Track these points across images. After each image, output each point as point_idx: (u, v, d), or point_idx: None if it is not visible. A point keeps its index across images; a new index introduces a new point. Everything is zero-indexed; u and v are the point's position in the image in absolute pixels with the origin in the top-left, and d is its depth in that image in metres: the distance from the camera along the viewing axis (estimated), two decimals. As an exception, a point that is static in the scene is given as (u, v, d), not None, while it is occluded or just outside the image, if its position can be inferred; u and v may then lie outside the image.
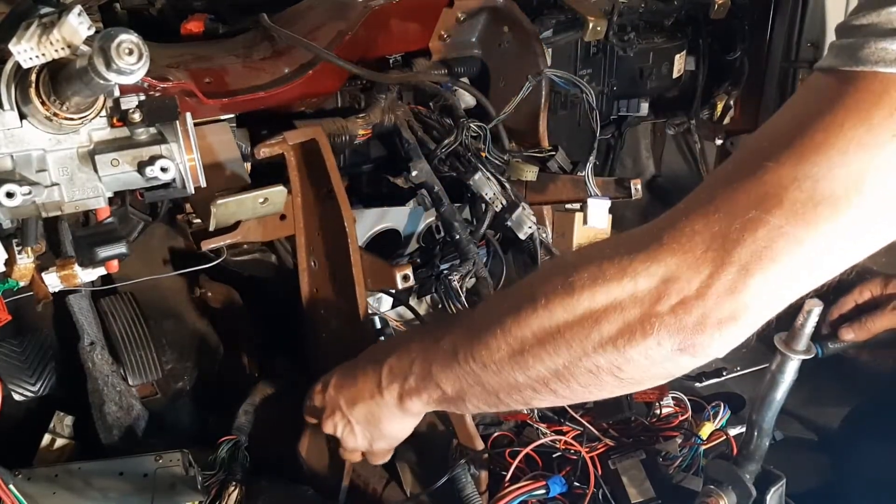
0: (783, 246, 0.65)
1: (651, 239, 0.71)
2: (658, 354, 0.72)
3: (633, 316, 0.71)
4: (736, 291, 0.67)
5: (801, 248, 0.65)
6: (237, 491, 1.13)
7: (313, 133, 1.22)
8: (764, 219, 0.65)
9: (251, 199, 1.16)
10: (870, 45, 0.62)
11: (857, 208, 0.63)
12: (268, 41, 1.33)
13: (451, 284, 1.32)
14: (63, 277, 1.05)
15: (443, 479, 1.16)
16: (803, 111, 0.67)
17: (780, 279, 0.67)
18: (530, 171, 1.40)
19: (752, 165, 0.67)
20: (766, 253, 0.65)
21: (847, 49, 0.65)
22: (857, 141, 0.62)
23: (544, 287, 0.77)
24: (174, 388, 1.36)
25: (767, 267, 0.66)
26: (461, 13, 1.47)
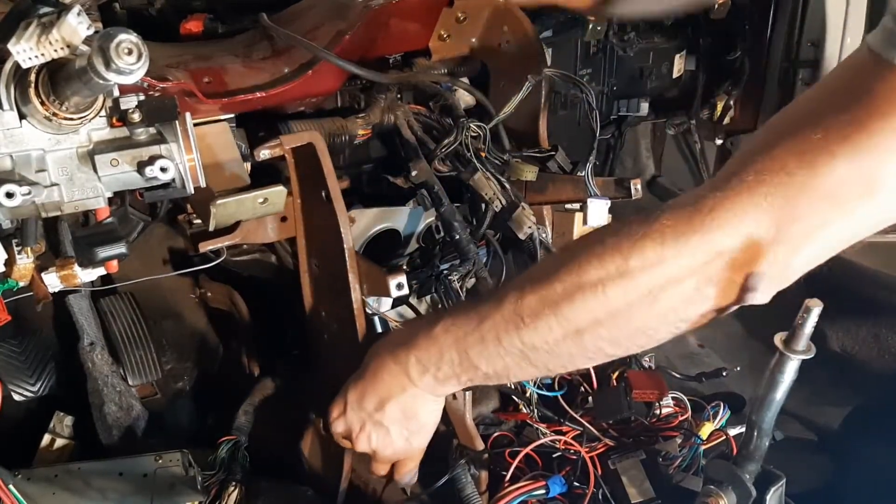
0: (841, 215, 0.71)
1: (720, 188, 0.74)
2: (727, 300, 0.78)
3: (719, 267, 0.74)
4: (791, 260, 0.73)
5: (856, 217, 0.71)
6: (237, 491, 1.13)
7: (310, 137, 1.21)
8: (820, 216, 0.71)
9: (251, 199, 1.16)
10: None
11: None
12: (267, 41, 1.33)
13: (451, 284, 1.32)
14: (63, 277, 1.05)
15: (443, 479, 1.16)
16: (854, 91, 0.69)
17: (830, 241, 0.74)
18: (530, 171, 1.40)
19: (808, 156, 0.70)
20: (831, 214, 0.70)
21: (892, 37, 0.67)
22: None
23: (598, 271, 0.78)
24: (174, 388, 1.36)
25: (814, 236, 0.72)
26: (461, 13, 1.47)
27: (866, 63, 0.70)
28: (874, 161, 0.67)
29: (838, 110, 0.69)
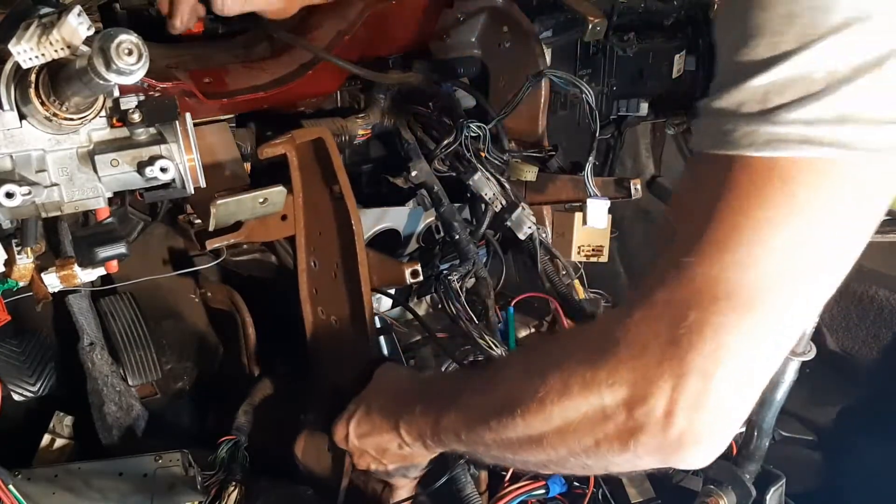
0: (734, 339, 0.62)
1: (607, 347, 0.68)
2: (645, 463, 0.71)
3: (608, 431, 0.69)
4: (704, 402, 0.64)
5: (753, 334, 0.62)
6: (237, 491, 1.13)
7: (320, 132, 1.22)
8: (705, 318, 0.62)
9: (251, 199, 1.16)
10: (740, 129, 0.60)
11: (793, 277, 0.61)
12: (267, 41, 1.33)
13: (450, 284, 1.32)
14: (62, 278, 1.05)
15: (443, 479, 1.16)
16: (702, 197, 0.64)
17: (743, 371, 0.64)
18: (530, 172, 1.40)
19: (675, 261, 0.64)
20: (720, 352, 0.62)
21: (719, 134, 0.62)
22: (766, 221, 0.59)
23: (519, 396, 0.76)
24: (174, 388, 1.36)
25: (727, 364, 0.63)
26: (461, 13, 1.47)
27: (710, 172, 0.65)
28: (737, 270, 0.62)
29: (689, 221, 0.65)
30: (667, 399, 0.64)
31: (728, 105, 0.62)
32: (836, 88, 0.56)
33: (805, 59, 0.57)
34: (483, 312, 1.33)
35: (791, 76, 0.58)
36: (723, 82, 0.63)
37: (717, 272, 0.61)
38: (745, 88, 0.60)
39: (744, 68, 0.60)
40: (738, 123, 0.60)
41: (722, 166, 0.61)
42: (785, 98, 0.58)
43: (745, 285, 0.60)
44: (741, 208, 0.60)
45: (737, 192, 0.60)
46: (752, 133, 0.59)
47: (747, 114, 0.60)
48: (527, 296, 1.35)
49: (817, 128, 0.57)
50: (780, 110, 0.58)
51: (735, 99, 0.61)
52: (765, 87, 0.59)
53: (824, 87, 0.57)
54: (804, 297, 0.63)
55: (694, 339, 0.62)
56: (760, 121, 0.59)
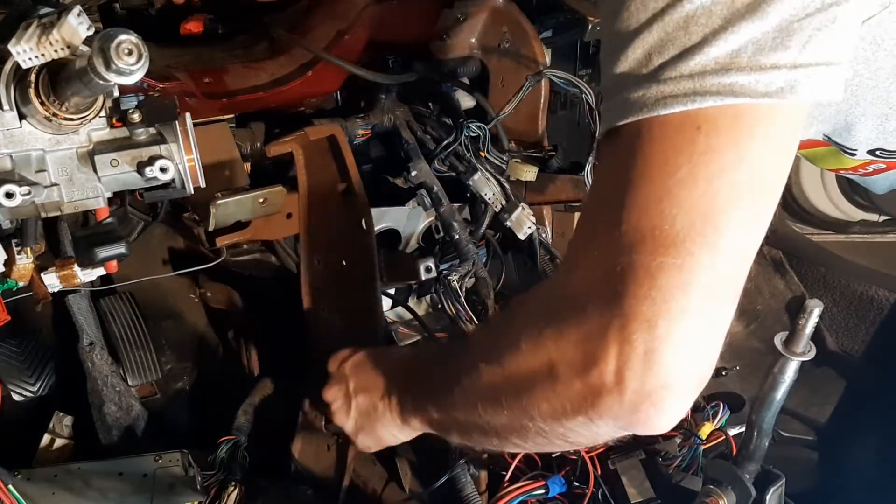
0: (669, 281, 0.60)
1: (551, 306, 0.68)
2: (602, 431, 0.69)
3: (560, 393, 0.67)
4: (655, 355, 0.61)
5: (689, 276, 0.60)
6: (236, 491, 1.13)
7: (331, 129, 1.23)
8: (637, 261, 0.60)
9: (251, 199, 1.16)
10: (632, 95, 0.61)
11: (713, 218, 0.60)
12: (267, 41, 1.33)
13: (450, 284, 1.32)
14: (62, 277, 1.05)
15: (443, 478, 1.16)
16: (617, 169, 0.63)
17: (689, 318, 0.61)
18: (529, 172, 1.40)
19: (604, 223, 0.64)
20: (659, 297, 0.60)
21: (614, 107, 0.63)
22: (677, 169, 0.59)
23: (488, 350, 0.77)
24: (174, 388, 1.36)
25: (670, 311, 0.60)
26: (461, 13, 1.47)
27: (619, 147, 0.64)
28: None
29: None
30: (615, 357, 0.62)
31: (617, 76, 0.62)
32: (712, 39, 0.57)
33: (677, 14, 0.58)
34: (483, 312, 1.33)
35: (667, 33, 0.58)
36: (608, 56, 0.63)
37: (643, 222, 0.60)
38: (628, 56, 0.60)
39: (623, 36, 0.61)
40: (629, 90, 0.60)
41: (626, 136, 0.62)
42: (665, 56, 0.59)
43: (670, 230, 0.59)
44: (653, 164, 0.60)
45: (645, 153, 0.61)
46: (643, 96, 0.60)
47: (635, 78, 0.60)
48: (527, 296, 1.35)
49: (702, 79, 0.57)
50: (664, 68, 0.59)
51: (621, 68, 0.61)
52: (645, 50, 0.60)
53: (701, 39, 0.57)
54: (728, 237, 0.61)
55: (629, 285, 0.60)
56: (649, 82, 0.59)
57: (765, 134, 0.59)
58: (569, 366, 0.65)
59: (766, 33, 0.56)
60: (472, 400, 0.81)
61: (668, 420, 0.65)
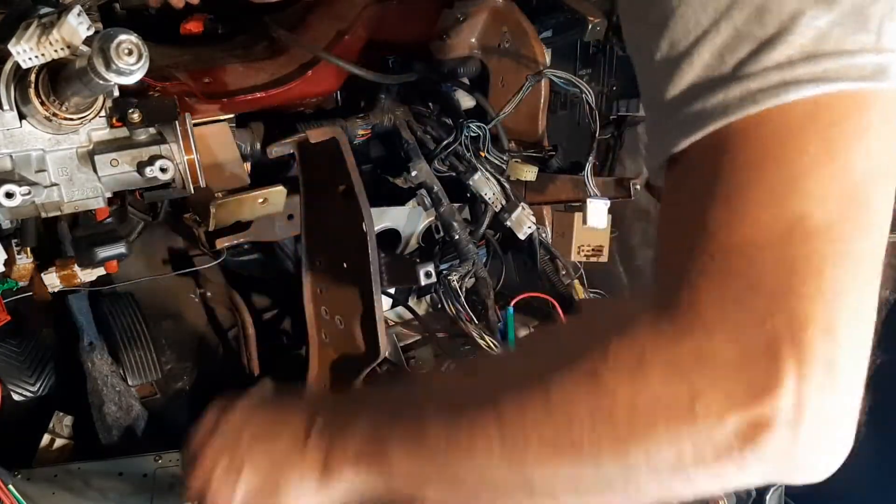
0: (840, 271, 0.50)
1: (681, 320, 0.53)
2: (751, 479, 0.55)
3: (704, 436, 0.51)
4: (837, 371, 0.51)
5: (859, 264, 0.51)
6: (237, 491, 1.13)
7: (333, 132, 1.22)
8: (795, 253, 0.50)
9: (251, 199, 1.16)
10: (709, 101, 0.54)
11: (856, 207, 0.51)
12: (267, 41, 1.33)
13: (450, 284, 1.32)
14: (62, 277, 1.05)
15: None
16: (708, 187, 0.54)
17: (863, 319, 0.53)
18: (529, 172, 1.40)
19: (719, 230, 0.53)
20: (830, 291, 0.50)
21: (686, 121, 0.55)
22: (801, 172, 0.52)
23: (585, 425, 0.54)
24: (174, 388, 1.36)
25: (846, 310, 0.51)
26: (461, 13, 1.47)
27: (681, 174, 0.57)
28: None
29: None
30: (794, 374, 0.49)
31: (682, 87, 0.55)
32: (792, 27, 0.52)
33: (747, 8, 0.53)
34: (483, 312, 1.33)
35: (738, 29, 0.53)
36: (658, 76, 0.56)
37: (784, 213, 0.51)
38: (693, 64, 0.54)
39: (679, 46, 0.55)
40: (701, 99, 0.54)
41: (709, 148, 0.54)
42: (742, 52, 0.53)
43: (821, 215, 0.50)
44: (767, 161, 0.52)
45: (749, 154, 0.53)
46: (725, 98, 0.53)
47: (707, 84, 0.54)
48: (526, 296, 1.35)
49: (791, 69, 0.52)
50: (743, 65, 0.53)
51: (685, 81, 0.55)
52: (715, 52, 0.53)
53: (778, 29, 0.52)
54: (876, 218, 0.53)
55: (793, 282, 0.50)
56: (728, 83, 0.53)
57: (874, 117, 0.52)
58: (723, 393, 0.50)
59: (845, 17, 0.52)
60: (510, 444, 0.57)
61: (834, 465, 0.55)
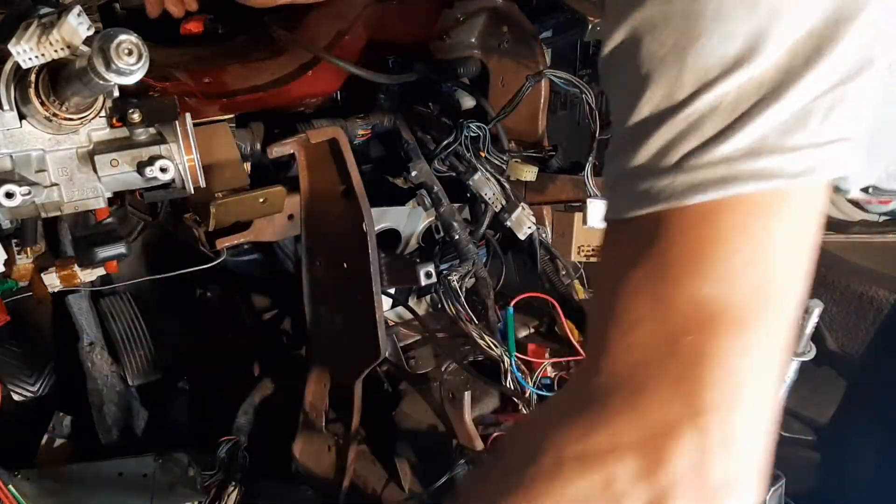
0: (746, 361, 0.56)
1: (593, 403, 0.59)
2: None
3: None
4: (734, 446, 0.56)
5: (755, 352, 0.56)
6: (236, 491, 1.13)
7: (334, 132, 1.22)
8: (704, 341, 0.56)
9: (251, 199, 1.16)
10: (657, 184, 0.58)
11: (766, 292, 0.57)
12: (267, 41, 1.33)
13: (450, 284, 1.32)
14: (62, 278, 1.05)
15: (443, 479, 1.16)
16: (647, 254, 0.58)
17: (764, 400, 0.58)
18: (529, 172, 1.40)
19: (643, 309, 0.58)
20: (734, 379, 0.56)
21: (636, 195, 0.59)
22: (728, 252, 0.57)
23: (508, 489, 0.62)
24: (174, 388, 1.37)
25: (747, 393, 0.56)
26: (461, 13, 1.47)
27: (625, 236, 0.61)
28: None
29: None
30: (692, 450, 0.55)
31: (631, 168, 0.60)
32: (739, 126, 0.56)
33: (705, 101, 0.57)
34: (483, 312, 1.33)
35: (690, 123, 0.57)
36: (620, 148, 0.61)
37: (700, 303, 0.56)
38: (649, 145, 0.59)
39: (638, 127, 0.59)
40: (649, 180, 0.59)
41: (649, 224, 0.58)
42: (691, 145, 0.57)
43: (737, 307, 0.56)
44: (698, 248, 0.57)
45: (680, 239, 0.58)
46: (670, 185, 0.57)
47: (657, 168, 0.58)
48: (526, 296, 1.35)
49: (734, 165, 0.56)
50: (690, 156, 0.57)
51: (638, 160, 0.59)
52: (666, 140, 0.58)
53: (727, 126, 0.56)
54: (788, 308, 0.59)
55: (697, 369, 0.56)
56: (675, 171, 0.57)
57: (800, 209, 0.57)
58: (633, 471, 0.56)
59: (788, 117, 0.56)
60: None
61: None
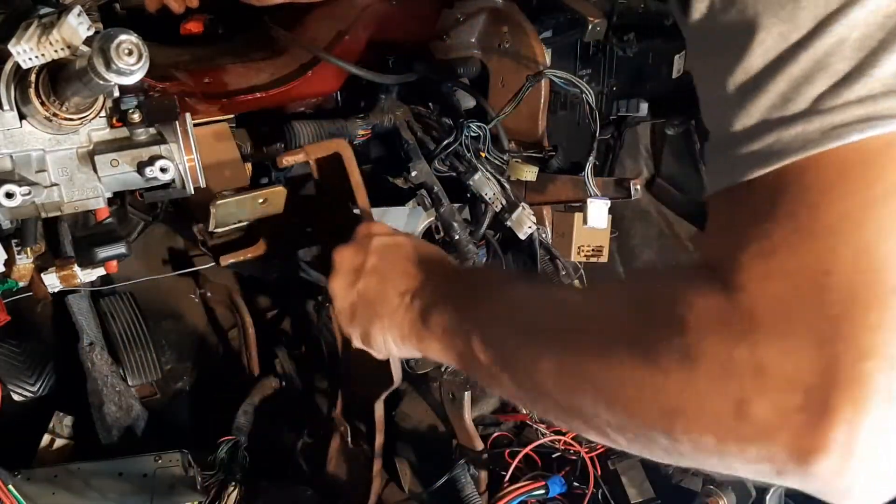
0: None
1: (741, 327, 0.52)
2: (778, 480, 0.54)
3: (744, 440, 0.51)
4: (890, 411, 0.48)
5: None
6: (236, 491, 1.13)
7: (337, 147, 1.18)
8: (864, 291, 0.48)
9: (251, 199, 1.16)
10: (784, 134, 0.53)
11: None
12: (268, 41, 1.33)
13: (450, 285, 1.32)
14: (62, 278, 1.05)
15: (443, 479, 1.16)
16: (775, 217, 0.53)
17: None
18: (530, 171, 1.40)
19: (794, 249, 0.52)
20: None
21: (759, 152, 0.54)
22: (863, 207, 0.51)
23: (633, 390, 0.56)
24: (174, 388, 1.37)
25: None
26: (461, 13, 1.47)
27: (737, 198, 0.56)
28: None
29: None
30: (850, 418, 0.48)
31: (754, 120, 0.54)
32: (873, 61, 0.51)
33: (828, 40, 0.52)
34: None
35: (818, 62, 0.52)
36: (730, 105, 0.56)
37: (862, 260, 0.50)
38: (769, 94, 0.53)
39: (756, 76, 0.54)
40: (779, 130, 0.53)
41: (781, 179, 0.53)
42: (821, 86, 0.52)
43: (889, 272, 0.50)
44: (853, 198, 0.51)
45: (819, 190, 0.52)
46: (802, 133, 0.52)
47: (786, 117, 0.53)
48: (527, 296, 1.35)
49: (874, 104, 0.51)
50: (823, 99, 0.52)
51: (760, 110, 0.54)
52: (793, 83, 0.53)
53: (860, 62, 0.51)
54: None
55: (858, 312, 0.49)
56: (808, 116, 0.52)
57: None
58: (772, 409, 0.50)
59: None
60: (570, 375, 0.61)
61: (892, 491, 0.52)
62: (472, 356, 0.72)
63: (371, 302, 0.87)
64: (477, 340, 0.72)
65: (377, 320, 0.86)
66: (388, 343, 0.86)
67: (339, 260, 0.92)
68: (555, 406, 0.64)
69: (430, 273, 0.85)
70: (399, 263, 0.88)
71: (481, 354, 0.71)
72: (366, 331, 0.88)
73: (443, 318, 0.77)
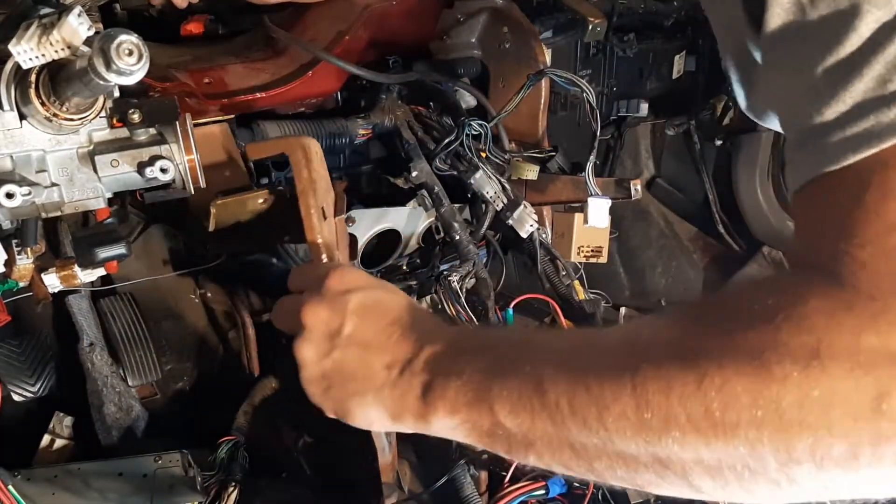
0: None
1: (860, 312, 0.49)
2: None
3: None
4: None
5: None
6: (236, 491, 1.13)
7: (285, 145, 1.02)
8: None
9: (251, 199, 1.16)
10: (885, 115, 0.51)
11: None
12: (268, 42, 1.33)
13: (450, 285, 1.32)
14: (62, 278, 1.05)
15: (443, 479, 1.16)
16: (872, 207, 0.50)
17: None
18: (531, 170, 1.40)
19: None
20: None
21: (858, 135, 0.52)
22: None
23: (745, 410, 0.50)
24: (174, 388, 1.36)
25: None
26: (461, 14, 1.47)
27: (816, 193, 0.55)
28: None
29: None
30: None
31: (848, 105, 0.52)
32: None
33: None
34: (483, 313, 1.33)
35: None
36: (818, 91, 0.54)
37: None
38: (865, 77, 0.51)
39: (850, 58, 0.52)
40: (880, 112, 0.51)
41: (877, 164, 0.51)
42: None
43: None
44: None
45: None
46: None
47: (884, 97, 0.51)
48: (527, 297, 1.36)
49: None
50: None
51: (855, 94, 0.52)
52: (890, 64, 0.51)
53: None
54: None
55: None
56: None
57: None
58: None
59: None
60: (648, 418, 0.54)
61: None
62: (501, 428, 0.64)
63: (350, 376, 0.75)
64: (504, 410, 0.64)
65: (357, 397, 0.75)
66: (371, 420, 0.76)
67: (310, 322, 0.79)
68: (627, 461, 0.57)
69: (422, 341, 0.73)
70: (384, 330, 0.76)
71: (512, 423, 0.63)
72: (342, 407, 0.77)
73: (451, 393, 0.68)
